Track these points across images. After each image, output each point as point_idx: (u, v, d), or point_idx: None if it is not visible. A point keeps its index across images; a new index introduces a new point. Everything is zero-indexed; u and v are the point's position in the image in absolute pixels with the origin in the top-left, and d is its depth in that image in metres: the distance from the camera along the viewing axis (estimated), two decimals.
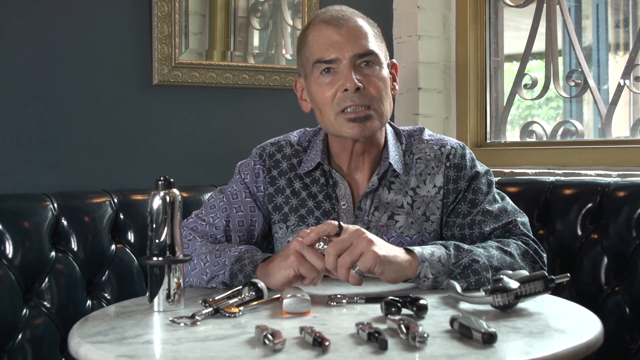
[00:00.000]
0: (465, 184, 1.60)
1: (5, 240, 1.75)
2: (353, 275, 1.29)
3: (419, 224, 1.59)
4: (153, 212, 1.28)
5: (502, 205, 1.58)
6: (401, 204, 1.59)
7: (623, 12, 2.63)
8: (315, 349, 1.02)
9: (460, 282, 1.39)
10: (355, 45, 1.54)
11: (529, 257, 1.49)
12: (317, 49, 1.56)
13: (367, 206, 1.59)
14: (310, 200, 1.62)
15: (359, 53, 1.54)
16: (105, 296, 1.88)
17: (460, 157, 1.62)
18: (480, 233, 1.55)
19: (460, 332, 1.07)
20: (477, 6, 2.69)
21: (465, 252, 1.42)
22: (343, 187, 1.61)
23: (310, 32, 1.60)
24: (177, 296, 1.28)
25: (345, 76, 1.52)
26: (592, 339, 1.09)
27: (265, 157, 1.67)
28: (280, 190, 1.64)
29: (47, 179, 2.06)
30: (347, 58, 1.53)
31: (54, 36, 2.08)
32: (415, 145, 1.64)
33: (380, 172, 1.59)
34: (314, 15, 1.67)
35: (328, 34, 1.55)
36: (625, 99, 2.39)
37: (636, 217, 1.77)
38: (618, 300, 1.79)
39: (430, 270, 1.37)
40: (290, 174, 1.65)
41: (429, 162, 1.61)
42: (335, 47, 1.54)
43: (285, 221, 1.62)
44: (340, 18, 1.57)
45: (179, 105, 2.30)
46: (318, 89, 1.57)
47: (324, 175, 1.63)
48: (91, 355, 1.05)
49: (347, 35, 1.54)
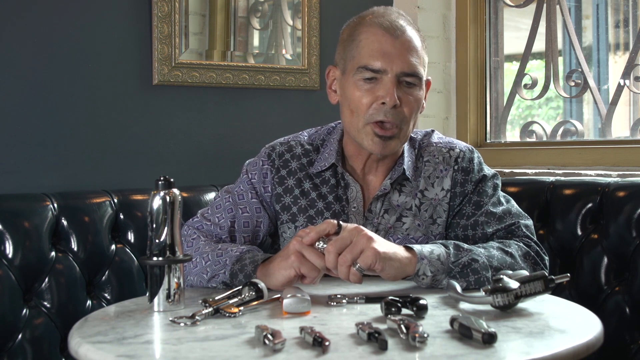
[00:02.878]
0: (471, 187, 1.60)
1: (5, 240, 1.75)
2: (354, 273, 1.29)
3: (426, 227, 1.59)
4: (153, 212, 1.28)
5: (507, 207, 1.59)
6: (410, 207, 1.60)
7: (623, 12, 2.63)
8: (315, 349, 1.02)
9: (459, 281, 1.39)
10: (405, 62, 1.52)
11: (530, 259, 1.49)
12: (367, 54, 1.53)
13: (378, 209, 1.60)
14: (320, 201, 1.61)
15: (407, 72, 1.52)
16: (105, 296, 1.88)
17: (468, 161, 1.62)
18: (483, 234, 1.55)
19: (460, 332, 1.07)
20: (477, 6, 2.70)
21: (465, 251, 1.42)
22: (355, 190, 1.61)
23: (364, 30, 1.55)
24: (177, 296, 1.28)
25: (387, 90, 1.51)
26: (592, 339, 1.09)
27: (274, 156, 1.66)
28: (289, 190, 1.63)
29: (47, 179, 2.06)
30: (394, 73, 1.51)
31: (54, 36, 2.08)
32: (424, 149, 1.65)
33: (393, 177, 1.60)
34: (369, 11, 1.61)
35: (383, 41, 1.52)
36: (625, 99, 2.39)
37: (636, 217, 1.77)
38: (618, 300, 1.79)
39: (429, 267, 1.37)
40: (300, 173, 1.64)
41: (437, 165, 1.62)
42: (386, 59, 1.51)
43: (294, 221, 1.62)
44: (398, 28, 1.53)
45: (179, 105, 2.30)
46: (356, 91, 1.54)
47: (335, 176, 1.63)
48: (91, 355, 1.05)
49: (400, 49, 1.52)
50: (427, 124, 2.68)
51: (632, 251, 1.77)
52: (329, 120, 1.79)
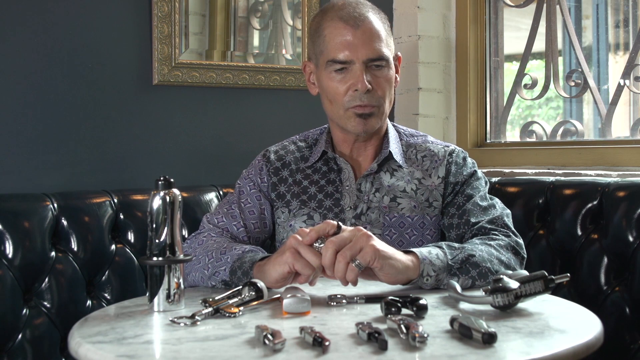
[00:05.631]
0: (463, 178, 1.69)
1: (5, 240, 1.75)
2: (352, 269, 1.29)
3: (422, 209, 1.66)
4: (153, 212, 1.28)
5: (492, 202, 1.68)
6: (404, 189, 1.67)
7: (623, 12, 2.63)
8: (315, 349, 1.02)
9: (462, 278, 1.41)
10: (369, 49, 1.61)
11: (511, 249, 1.55)
12: (332, 48, 1.62)
13: (367, 188, 1.67)
14: (313, 186, 1.70)
15: (372, 58, 1.61)
16: (105, 296, 1.88)
17: (462, 159, 1.74)
18: (467, 221, 1.62)
19: (460, 332, 1.07)
20: (477, 6, 2.69)
21: (458, 249, 1.46)
22: (347, 171, 1.69)
23: (326, 24, 1.64)
24: (177, 296, 1.28)
25: (357, 78, 1.61)
26: (592, 339, 1.09)
27: (268, 154, 1.77)
28: (283, 180, 1.73)
29: (47, 179, 2.06)
30: (360, 61, 1.61)
31: (54, 36, 2.08)
32: (420, 145, 1.74)
33: (380, 159, 1.68)
34: (330, 4, 1.68)
35: (344, 34, 1.61)
36: (625, 99, 2.39)
37: (636, 217, 1.77)
38: (618, 300, 1.79)
39: (432, 267, 1.39)
40: (294, 166, 1.74)
41: (433, 157, 1.71)
42: (350, 49, 1.60)
43: (288, 205, 1.70)
44: (357, 18, 1.61)
45: (179, 105, 2.30)
46: (330, 83, 1.65)
47: (327, 164, 1.72)
48: (91, 355, 1.05)
49: (362, 38, 1.60)
50: (427, 124, 2.68)
51: (632, 251, 1.77)
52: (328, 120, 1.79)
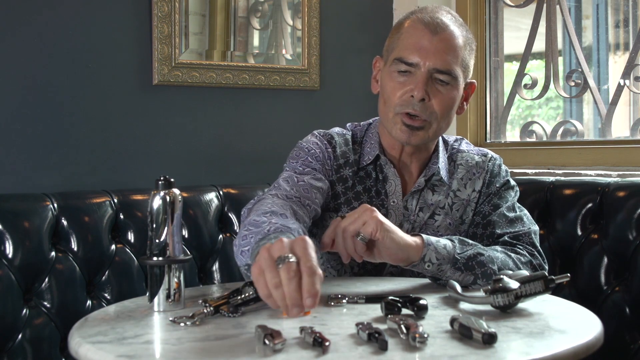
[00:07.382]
0: (495, 188, 1.64)
1: (5, 240, 1.75)
2: (357, 242, 1.34)
3: (456, 226, 1.62)
4: (153, 212, 1.28)
5: (519, 214, 1.61)
6: (443, 205, 1.63)
7: (623, 12, 2.63)
8: (315, 349, 1.01)
9: (465, 274, 1.41)
10: (439, 59, 1.53)
11: (531, 268, 1.51)
12: (403, 47, 1.56)
13: (413, 206, 1.62)
14: (364, 195, 1.62)
15: (439, 69, 1.54)
16: (105, 296, 1.88)
17: (498, 167, 1.68)
18: (492, 233, 1.58)
19: (460, 332, 1.07)
20: (477, 6, 2.69)
21: (470, 245, 1.45)
22: (394, 183, 1.63)
23: (408, 23, 1.59)
24: (177, 296, 1.28)
25: (416, 84, 1.53)
26: (592, 339, 1.09)
27: (335, 144, 1.65)
28: (343, 180, 1.63)
29: (47, 179, 2.06)
30: (426, 68, 1.53)
31: (54, 36, 2.08)
32: (456, 154, 1.69)
33: (427, 175, 1.62)
34: (420, 8, 1.64)
35: (420, 36, 1.55)
36: (625, 99, 2.39)
37: (636, 217, 1.77)
38: (618, 300, 1.79)
39: (435, 255, 1.39)
40: (353, 167, 1.63)
41: (470, 168, 1.66)
42: (420, 53, 1.53)
43: (336, 211, 1.61)
44: (439, 25, 1.55)
45: (179, 105, 2.30)
46: (390, 82, 1.58)
47: (376, 169, 1.64)
48: (91, 355, 1.05)
49: (436, 46, 1.53)
50: None
51: (632, 251, 1.77)
52: (329, 120, 1.79)
